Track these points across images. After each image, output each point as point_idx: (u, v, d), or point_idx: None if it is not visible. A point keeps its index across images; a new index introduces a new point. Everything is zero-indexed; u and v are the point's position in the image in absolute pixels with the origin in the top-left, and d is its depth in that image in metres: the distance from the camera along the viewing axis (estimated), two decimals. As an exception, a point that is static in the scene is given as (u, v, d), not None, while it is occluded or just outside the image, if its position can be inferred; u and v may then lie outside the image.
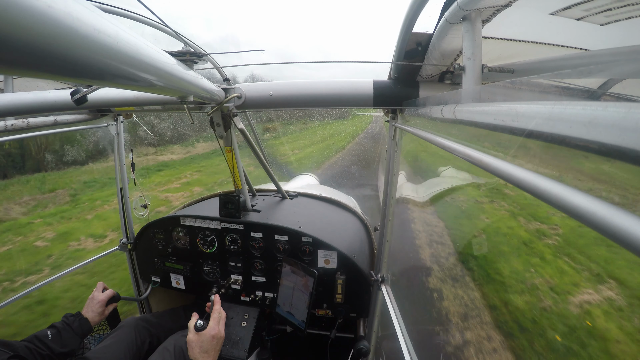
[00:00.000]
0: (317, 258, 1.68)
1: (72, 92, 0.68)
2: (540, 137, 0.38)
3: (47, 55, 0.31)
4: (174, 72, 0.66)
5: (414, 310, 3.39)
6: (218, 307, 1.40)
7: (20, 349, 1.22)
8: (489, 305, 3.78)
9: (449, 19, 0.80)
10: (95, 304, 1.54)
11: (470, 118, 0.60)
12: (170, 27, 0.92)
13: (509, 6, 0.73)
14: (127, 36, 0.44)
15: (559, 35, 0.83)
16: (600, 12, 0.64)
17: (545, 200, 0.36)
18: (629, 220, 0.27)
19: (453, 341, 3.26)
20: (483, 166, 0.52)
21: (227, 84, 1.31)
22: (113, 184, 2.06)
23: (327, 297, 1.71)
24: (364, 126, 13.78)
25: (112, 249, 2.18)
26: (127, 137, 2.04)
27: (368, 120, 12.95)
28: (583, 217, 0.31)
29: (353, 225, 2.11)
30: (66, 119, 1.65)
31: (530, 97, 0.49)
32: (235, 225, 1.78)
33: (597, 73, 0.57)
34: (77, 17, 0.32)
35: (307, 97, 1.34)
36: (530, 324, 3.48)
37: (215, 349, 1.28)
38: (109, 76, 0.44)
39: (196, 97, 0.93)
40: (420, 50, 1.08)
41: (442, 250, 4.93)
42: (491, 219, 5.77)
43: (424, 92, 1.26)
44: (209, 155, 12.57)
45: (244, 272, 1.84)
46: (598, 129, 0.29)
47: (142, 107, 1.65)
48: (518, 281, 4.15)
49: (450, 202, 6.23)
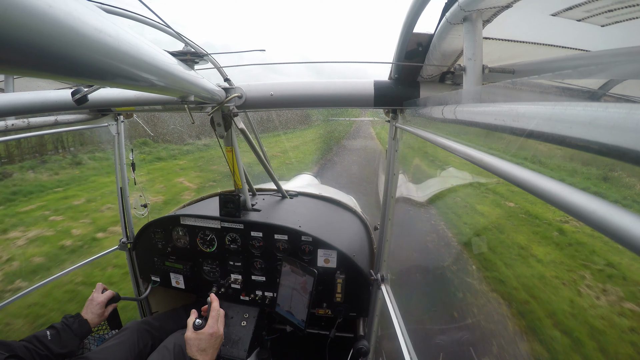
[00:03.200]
0: (317, 257, 1.68)
1: (72, 92, 0.68)
2: (541, 138, 0.38)
3: (48, 55, 0.31)
4: (175, 72, 0.66)
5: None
6: (216, 305, 1.40)
7: (19, 349, 1.22)
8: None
9: (449, 19, 0.80)
10: (95, 306, 1.54)
11: (470, 118, 0.60)
12: (171, 27, 0.92)
13: (510, 7, 0.72)
14: (128, 36, 0.44)
15: (559, 36, 0.83)
16: (601, 13, 0.64)
17: (546, 199, 0.36)
18: (629, 219, 0.27)
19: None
20: (484, 166, 0.52)
21: (228, 83, 1.31)
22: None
23: (327, 297, 1.71)
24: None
25: (111, 248, 2.18)
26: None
27: (342, 131, 11.81)
28: (584, 217, 0.31)
29: (353, 225, 2.11)
30: (67, 118, 1.65)
31: (531, 97, 0.49)
32: (235, 225, 1.78)
33: (597, 74, 0.57)
34: (78, 17, 0.32)
35: (307, 97, 1.34)
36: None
37: (213, 347, 1.28)
38: (109, 76, 0.44)
39: (197, 97, 0.93)
40: (421, 50, 1.08)
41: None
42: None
43: (425, 92, 1.26)
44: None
45: (243, 271, 1.84)
46: (599, 129, 0.29)
47: (142, 107, 1.65)
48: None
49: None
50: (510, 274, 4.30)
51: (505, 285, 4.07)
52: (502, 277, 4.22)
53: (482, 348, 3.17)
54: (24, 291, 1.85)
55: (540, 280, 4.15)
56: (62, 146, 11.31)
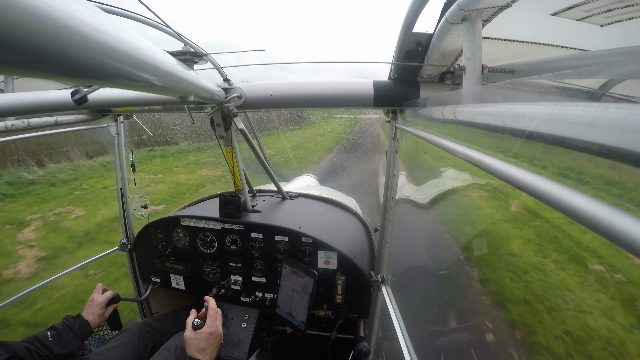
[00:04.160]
0: (317, 259, 1.68)
1: (72, 92, 0.68)
2: (541, 138, 0.38)
3: (48, 55, 0.31)
4: (175, 72, 0.66)
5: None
6: (213, 305, 1.40)
7: (19, 349, 1.22)
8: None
9: (449, 19, 0.80)
10: (95, 306, 1.54)
11: (470, 119, 0.60)
12: (171, 27, 0.92)
13: (509, 7, 0.72)
14: (127, 36, 0.44)
15: (559, 36, 0.83)
16: (601, 13, 0.64)
17: (545, 201, 0.36)
18: (629, 222, 0.27)
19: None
20: (483, 167, 0.52)
21: (228, 84, 1.31)
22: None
23: (327, 298, 1.71)
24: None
25: (112, 249, 2.18)
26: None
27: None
28: (583, 219, 0.31)
29: (353, 226, 2.11)
30: (66, 119, 1.65)
31: (531, 97, 0.49)
32: (236, 226, 1.77)
33: (597, 74, 0.57)
34: (78, 17, 0.32)
35: (307, 98, 1.34)
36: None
37: (213, 346, 1.28)
38: (109, 76, 0.44)
39: (196, 97, 0.93)
40: (421, 50, 1.08)
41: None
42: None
43: (424, 92, 1.26)
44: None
45: (244, 272, 1.84)
46: (599, 130, 0.29)
47: (142, 107, 1.65)
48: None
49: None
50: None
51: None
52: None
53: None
54: (24, 291, 1.85)
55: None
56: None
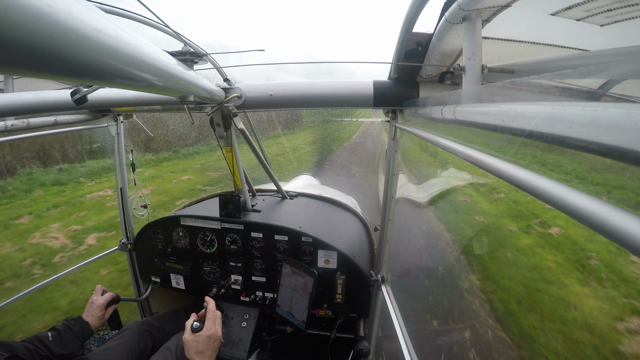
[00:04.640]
0: (317, 258, 1.68)
1: (72, 92, 0.68)
2: (540, 138, 0.38)
3: (48, 55, 0.31)
4: (174, 72, 0.66)
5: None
6: (212, 307, 1.39)
7: (19, 349, 1.22)
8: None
9: (449, 19, 0.80)
10: (95, 308, 1.54)
11: (470, 118, 0.60)
12: (170, 27, 0.92)
13: (509, 6, 0.72)
14: (127, 36, 0.44)
15: (559, 36, 0.83)
16: (601, 13, 0.64)
17: (545, 200, 0.36)
18: (629, 221, 0.27)
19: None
20: (483, 166, 0.52)
21: (228, 84, 1.31)
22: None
23: (327, 298, 1.71)
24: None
25: (112, 249, 2.18)
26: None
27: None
28: (583, 218, 0.31)
29: (353, 225, 2.11)
30: (66, 119, 1.65)
31: (530, 97, 0.49)
32: (235, 225, 1.78)
33: (597, 73, 0.57)
34: (78, 17, 0.32)
35: (307, 98, 1.34)
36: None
37: (212, 348, 1.28)
38: (109, 76, 0.44)
39: (196, 97, 0.93)
40: (420, 50, 1.08)
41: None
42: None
43: (424, 92, 1.26)
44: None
45: (244, 272, 1.84)
46: (598, 129, 0.29)
47: (142, 107, 1.65)
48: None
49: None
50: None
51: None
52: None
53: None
54: (24, 291, 1.85)
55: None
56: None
